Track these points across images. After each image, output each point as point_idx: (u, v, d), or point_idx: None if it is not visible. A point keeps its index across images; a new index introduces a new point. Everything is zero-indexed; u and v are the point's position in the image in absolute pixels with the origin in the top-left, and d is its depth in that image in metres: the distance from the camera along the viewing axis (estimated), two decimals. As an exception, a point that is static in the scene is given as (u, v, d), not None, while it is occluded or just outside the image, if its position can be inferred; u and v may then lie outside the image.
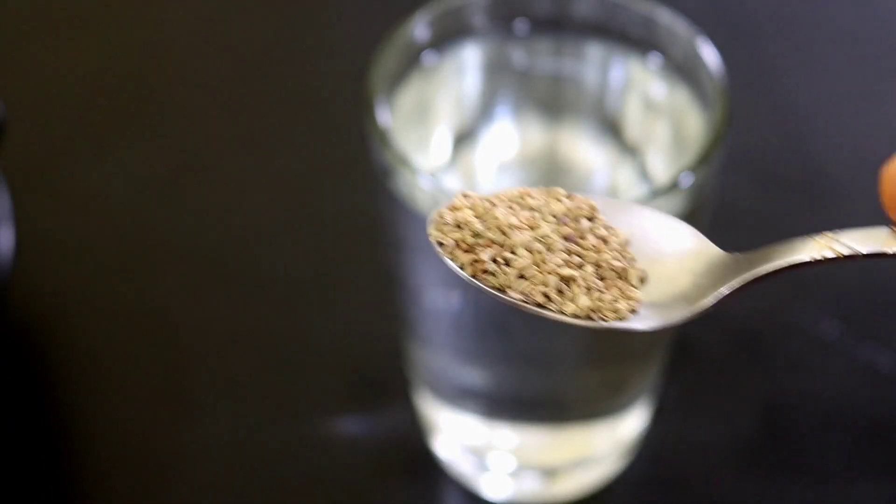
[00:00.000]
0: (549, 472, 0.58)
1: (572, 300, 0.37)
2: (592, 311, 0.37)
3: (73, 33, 0.77)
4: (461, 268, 0.37)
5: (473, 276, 0.37)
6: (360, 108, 0.51)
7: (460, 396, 0.56)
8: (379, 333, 0.63)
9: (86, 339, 0.64)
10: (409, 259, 0.52)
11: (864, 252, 0.36)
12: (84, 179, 0.69)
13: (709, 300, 0.37)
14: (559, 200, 0.38)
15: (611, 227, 0.38)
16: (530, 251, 0.37)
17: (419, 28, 0.53)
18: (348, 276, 0.66)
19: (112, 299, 0.65)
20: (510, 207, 0.38)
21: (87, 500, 0.59)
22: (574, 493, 0.58)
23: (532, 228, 0.37)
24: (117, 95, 0.74)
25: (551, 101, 0.56)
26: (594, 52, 0.55)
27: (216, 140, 0.72)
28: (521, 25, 0.55)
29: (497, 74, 0.55)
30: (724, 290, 0.37)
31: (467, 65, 0.55)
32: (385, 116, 0.50)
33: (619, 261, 0.37)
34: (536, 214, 0.38)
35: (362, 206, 0.65)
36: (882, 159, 0.72)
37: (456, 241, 0.37)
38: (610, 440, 0.58)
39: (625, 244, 0.38)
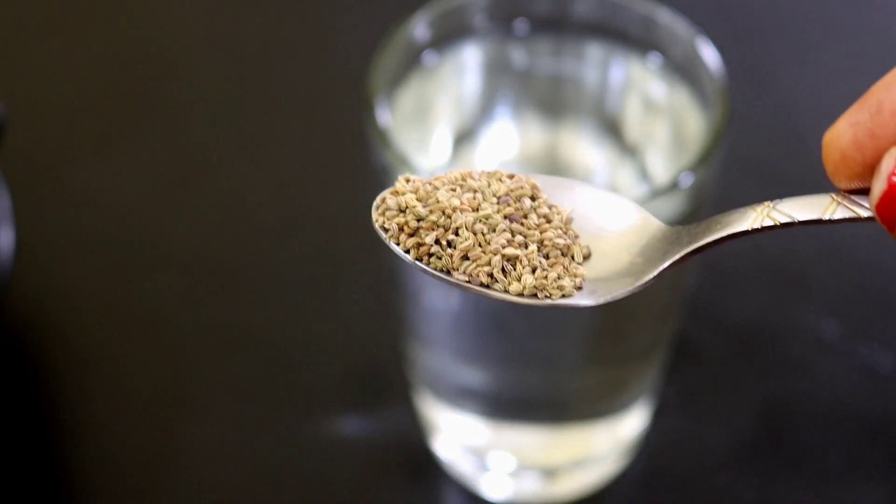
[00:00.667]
0: (549, 472, 0.58)
1: (517, 279, 0.37)
2: (537, 289, 0.37)
3: (73, 33, 0.77)
4: (406, 252, 0.38)
5: (418, 259, 0.38)
6: (360, 108, 0.51)
7: (460, 396, 0.56)
8: (379, 333, 0.63)
9: (85, 338, 0.64)
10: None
11: (800, 219, 0.36)
12: (84, 179, 0.69)
13: (652, 273, 0.37)
14: (501, 181, 0.38)
15: (553, 206, 0.38)
16: (473, 232, 0.37)
17: (419, 28, 0.53)
18: (348, 276, 0.66)
19: (112, 299, 0.65)
20: (452, 190, 0.38)
21: (86, 501, 0.59)
22: (574, 493, 0.58)
23: (474, 210, 0.38)
24: (117, 95, 0.74)
25: (551, 101, 0.56)
26: (594, 52, 0.55)
27: (216, 140, 0.72)
28: (521, 25, 0.55)
29: (497, 74, 0.55)
30: (667, 262, 0.37)
31: (467, 65, 0.55)
32: (385, 116, 0.50)
33: (562, 238, 0.38)
34: (479, 195, 0.38)
35: (362, 206, 0.65)
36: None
37: (399, 225, 0.38)
38: (610, 440, 0.58)
39: (568, 222, 0.38)
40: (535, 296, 0.37)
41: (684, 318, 0.61)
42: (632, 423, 0.58)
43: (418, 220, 0.38)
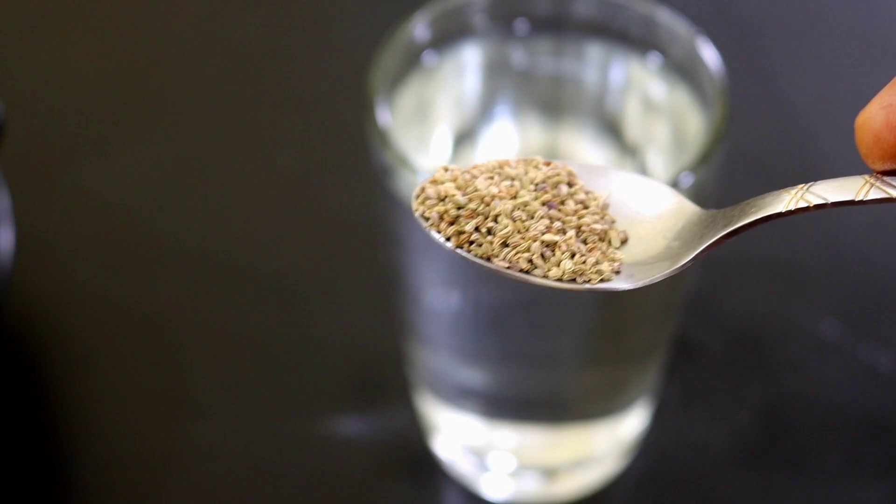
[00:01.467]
0: (549, 472, 0.58)
1: (556, 265, 0.37)
2: (576, 273, 0.37)
3: (73, 33, 0.77)
4: (447, 240, 0.38)
5: (459, 247, 0.38)
6: (360, 108, 0.51)
7: (460, 396, 0.56)
8: (379, 333, 0.63)
9: (85, 338, 0.64)
10: (408, 259, 0.52)
11: (833, 200, 0.36)
12: (84, 179, 0.69)
13: (689, 256, 0.37)
14: (538, 168, 0.39)
15: (590, 192, 0.39)
16: (512, 219, 0.38)
17: (419, 28, 0.53)
18: (348, 276, 0.66)
19: (112, 299, 0.65)
20: (490, 178, 0.38)
21: (86, 500, 0.59)
22: (574, 493, 0.58)
23: (513, 197, 0.38)
24: (117, 95, 0.74)
25: (551, 101, 0.56)
26: (594, 52, 0.55)
27: (216, 140, 0.72)
28: (521, 25, 0.55)
29: (497, 74, 0.55)
30: (703, 245, 0.37)
31: (467, 65, 0.55)
32: (385, 116, 0.50)
33: (599, 224, 0.38)
34: (516, 183, 0.38)
35: (362, 206, 0.65)
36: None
37: (440, 213, 0.38)
38: (610, 440, 0.58)
39: (604, 207, 0.39)
40: (573, 280, 0.37)
41: (684, 318, 0.61)
42: (632, 423, 0.58)
43: (458, 209, 0.38)
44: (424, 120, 0.55)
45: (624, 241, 0.38)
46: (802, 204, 0.36)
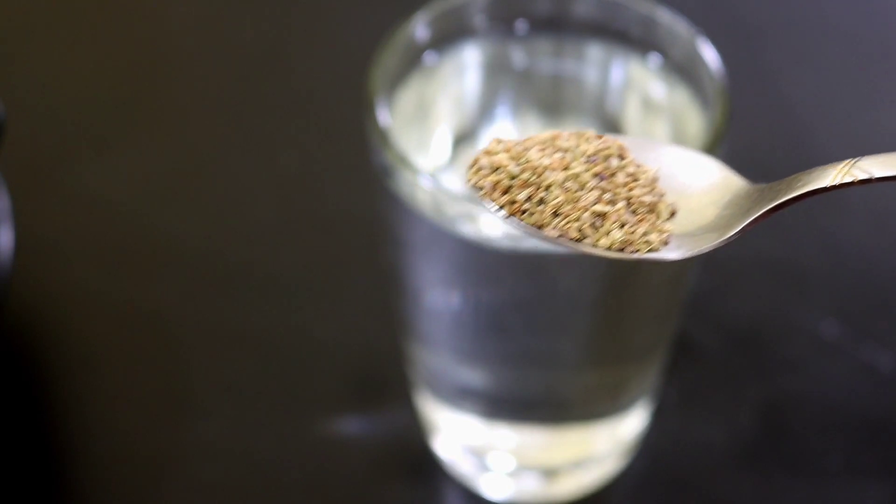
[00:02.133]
0: (549, 472, 0.58)
1: (606, 234, 0.38)
2: (625, 243, 0.38)
3: (73, 33, 0.77)
4: (500, 209, 0.39)
5: (511, 216, 0.39)
6: (360, 108, 0.51)
7: (460, 396, 0.56)
8: (379, 333, 0.63)
9: (85, 339, 0.64)
10: (409, 259, 0.52)
11: (878, 175, 0.36)
12: (84, 179, 0.69)
13: (736, 228, 0.38)
14: (589, 141, 0.39)
15: (640, 165, 0.39)
16: (564, 190, 0.38)
17: (419, 28, 0.53)
18: (348, 276, 0.66)
19: (111, 299, 0.65)
20: (542, 150, 0.39)
21: (86, 501, 0.59)
22: (574, 492, 0.58)
23: (564, 168, 0.39)
24: (117, 95, 0.74)
25: (551, 101, 0.56)
26: (594, 52, 0.55)
27: (216, 140, 0.72)
28: (521, 25, 0.55)
29: (497, 74, 0.55)
30: (750, 218, 0.38)
31: (467, 65, 0.55)
32: (385, 116, 0.50)
33: (649, 196, 0.39)
34: (568, 155, 0.39)
35: (362, 206, 0.65)
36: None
37: (493, 183, 0.39)
38: (610, 440, 0.58)
39: (654, 180, 0.39)
40: (622, 250, 0.38)
41: (684, 318, 0.61)
42: (632, 424, 0.58)
43: (511, 179, 0.38)
44: (424, 120, 0.55)
45: (673, 214, 0.39)
46: (848, 179, 0.37)
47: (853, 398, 0.61)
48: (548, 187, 0.38)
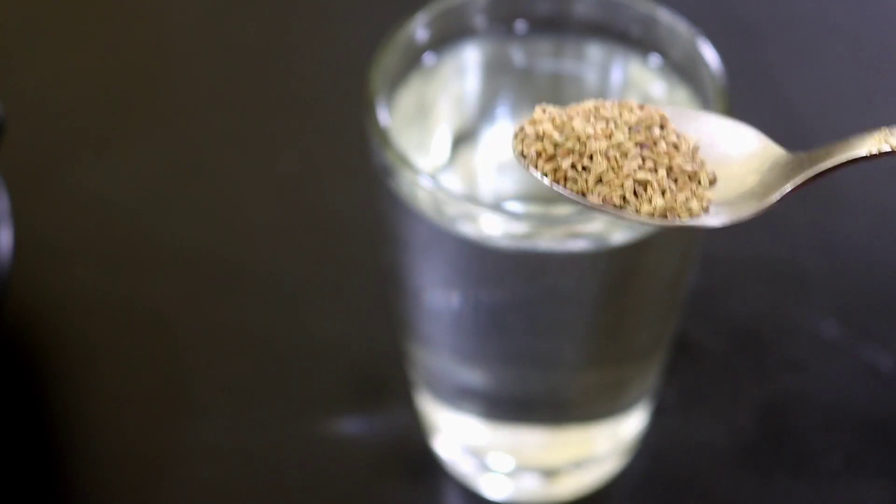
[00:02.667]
0: (549, 472, 0.58)
1: (648, 201, 0.39)
2: (667, 210, 0.39)
3: (73, 33, 0.77)
4: (543, 176, 0.40)
5: (555, 183, 0.40)
6: (361, 109, 0.51)
7: (460, 397, 0.56)
8: (379, 333, 0.63)
9: (85, 339, 0.64)
10: (409, 259, 0.52)
11: None
12: (84, 179, 0.69)
13: (775, 196, 0.39)
14: (632, 111, 0.40)
15: (681, 135, 0.40)
16: (607, 158, 0.39)
17: (419, 28, 0.53)
18: (348, 276, 0.66)
19: (111, 299, 0.65)
20: (586, 119, 0.40)
21: (86, 501, 0.59)
22: (574, 492, 0.58)
23: (608, 137, 0.39)
24: (117, 95, 0.74)
25: (551, 101, 0.56)
26: (594, 52, 0.55)
27: (216, 140, 0.72)
28: (521, 25, 0.55)
29: (497, 74, 0.55)
30: (789, 186, 0.39)
31: (467, 65, 0.55)
32: (385, 116, 0.50)
33: (689, 164, 0.40)
34: (611, 124, 0.40)
35: (362, 207, 0.65)
36: (882, 158, 0.72)
37: (537, 151, 0.40)
38: (610, 441, 0.58)
39: (695, 150, 0.40)
40: (665, 217, 0.39)
41: (684, 318, 0.61)
42: (632, 424, 0.58)
43: (555, 147, 0.39)
44: (424, 120, 0.55)
45: (713, 182, 0.40)
46: (886, 148, 0.38)
47: (853, 398, 0.61)
48: (591, 156, 0.39)
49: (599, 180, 0.39)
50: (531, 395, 0.55)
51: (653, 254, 0.50)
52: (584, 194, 0.39)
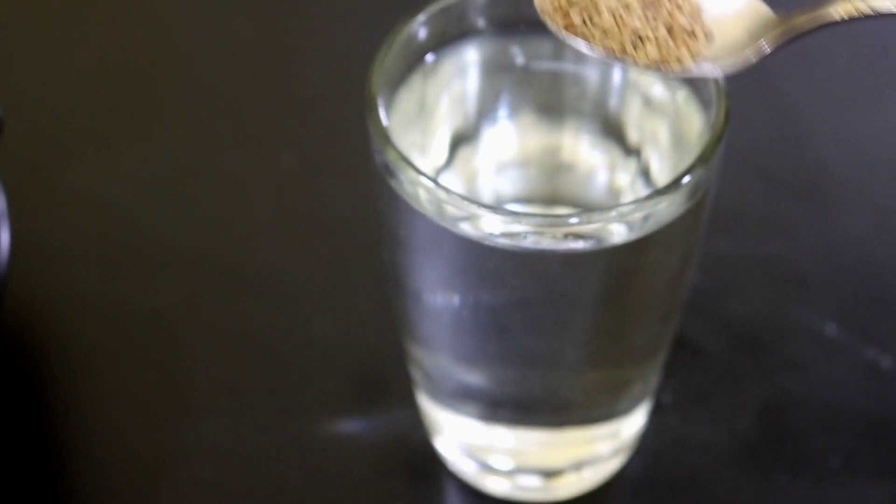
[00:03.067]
0: (550, 472, 0.58)
1: (645, 54, 0.45)
2: (660, 61, 0.46)
3: (72, 33, 0.77)
4: (559, 28, 0.46)
5: (568, 34, 0.46)
6: (361, 108, 0.51)
7: (460, 398, 0.56)
8: (379, 333, 0.63)
9: (83, 339, 0.64)
10: (409, 259, 0.52)
11: (882, 11, 0.45)
12: (83, 179, 0.69)
13: (753, 53, 0.45)
14: None
15: None
16: (613, 14, 0.45)
17: (419, 28, 0.53)
18: (348, 276, 0.66)
19: (110, 299, 0.65)
20: None
21: (85, 501, 0.59)
22: (574, 492, 0.58)
23: None
24: (117, 95, 0.74)
25: (551, 101, 0.56)
26: (594, 53, 0.55)
27: (216, 140, 0.72)
28: (521, 25, 0.55)
29: (497, 74, 0.55)
30: (767, 45, 0.46)
31: (467, 65, 0.55)
32: (385, 116, 0.50)
33: (688, 22, 0.46)
34: None
35: (362, 206, 0.65)
36: (882, 158, 0.73)
37: (554, 7, 0.46)
38: (610, 441, 0.58)
39: (696, 9, 0.46)
40: (657, 67, 0.46)
41: (684, 318, 0.61)
42: (632, 424, 0.58)
43: (568, 3, 0.46)
44: (425, 120, 0.55)
45: (709, 38, 0.46)
46: (855, 14, 0.45)
47: (854, 398, 0.61)
48: (599, 11, 0.45)
49: (605, 34, 0.45)
50: (531, 396, 0.55)
51: (653, 254, 0.50)
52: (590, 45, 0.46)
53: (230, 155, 0.71)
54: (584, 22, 0.46)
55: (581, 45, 0.46)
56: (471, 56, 0.55)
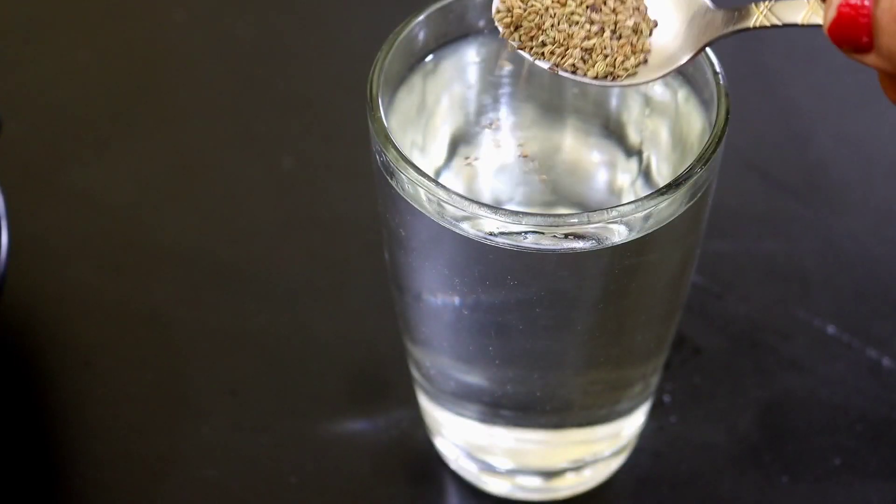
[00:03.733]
0: (550, 472, 0.58)
1: (593, 66, 0.47)
2: (608, 73, 0.47)
3: (72, 33, 0.77)
4: (512, 43, 0.48)
5: (521, 50, 0.48)
6: (362, 108, 0.51)
7: (460, 398, 0.56)
8: (379, 333, 0.63)
9: (82, 339, 0.64)
10: (410, 259, 0.52)
11: (783, 23, 0.44)
12: (82, 179, 0.69)
13: (686, 57, 0.47)
14: None
15: None
16: (558, 30, 0.47)
17: (419, 28, 0.53)
18: (349, 275, 0.66)
19: (109, 300, 0.65)
20: None
21: (85, 501, 0.59)
22: (574, 492, 0.58)
23: (562, 5, 0.47)
24: (116, 96, 0.74)
25: (552, 101, 0.56)
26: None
27: (216, 140, 0.72)
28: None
29: (497, 74, 0.55)
30: (707, 41, 0.47)
31: (467, 65, 0.55)
32: (386, 116, 0.50)
33: (631, 18, 0.47)
34: None
35: (362, 206, 0.65)
36: (882, 158, 0.72)
37: (504, 23, 0.48)
38: (610, 441, 0.58)
39: (639, 2, 0.47)
40: (606, 79, 0.47)
41: (684, 317, 0.61)
42: (632, 424, 0.58)
43: (518, 20, 0.47)
44: (425, 120, 0.55)
45: (652, 29, 0.47)
46: (767, 23, 0.45)
47: (854, 398, 0.61)
48: (546, 30, 0.47)
49: (552, 52, 0.47)
50: (531, 396, 0.55)
51: (653, 254, 0.50)
52: (543, 58, 0.47)
53: (230, 155, 0.71)
54: (532, 39, 0.47)
55: (540, 63, 0.48)
56: (471, 56, 0.55)
